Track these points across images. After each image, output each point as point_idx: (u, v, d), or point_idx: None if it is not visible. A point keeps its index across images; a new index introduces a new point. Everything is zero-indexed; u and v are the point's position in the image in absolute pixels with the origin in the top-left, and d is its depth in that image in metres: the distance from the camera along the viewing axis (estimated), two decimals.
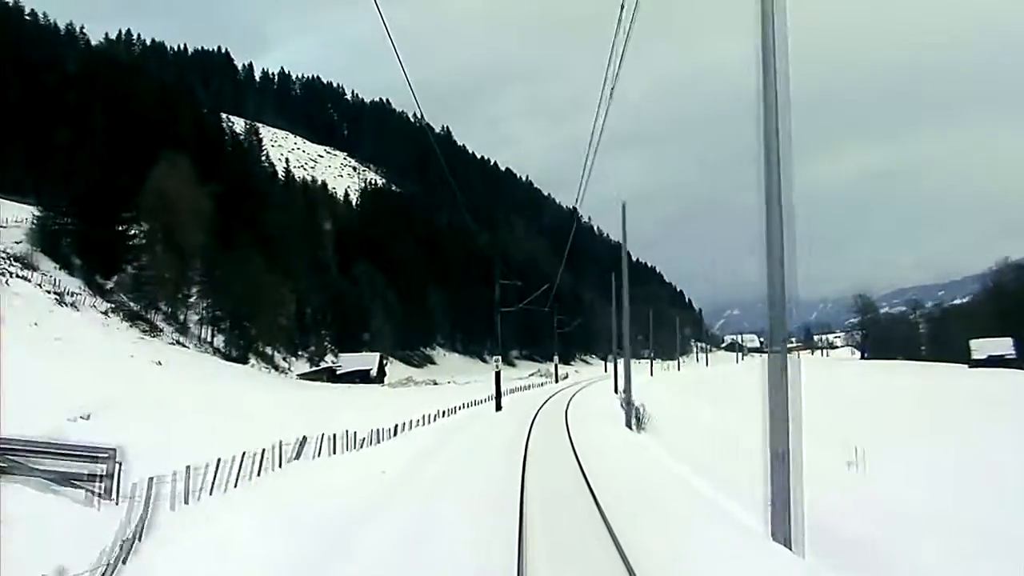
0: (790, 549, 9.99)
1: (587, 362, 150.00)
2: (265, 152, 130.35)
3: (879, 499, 15.29)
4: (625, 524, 11.16)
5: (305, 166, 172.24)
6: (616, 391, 47.31)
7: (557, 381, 70.18)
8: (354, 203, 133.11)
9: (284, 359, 69.48)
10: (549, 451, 21.02)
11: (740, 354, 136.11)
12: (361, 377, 70.44)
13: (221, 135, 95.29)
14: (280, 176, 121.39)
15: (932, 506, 14.17)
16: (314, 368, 70.54)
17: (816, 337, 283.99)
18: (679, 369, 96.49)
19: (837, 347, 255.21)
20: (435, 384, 77.80)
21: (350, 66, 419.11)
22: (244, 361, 60.36)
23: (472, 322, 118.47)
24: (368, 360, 76.33)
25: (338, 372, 71.60)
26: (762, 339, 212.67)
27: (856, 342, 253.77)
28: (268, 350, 67.17)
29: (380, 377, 74.61)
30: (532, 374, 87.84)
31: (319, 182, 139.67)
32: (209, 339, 61.13)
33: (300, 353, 74.08)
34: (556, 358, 70.29)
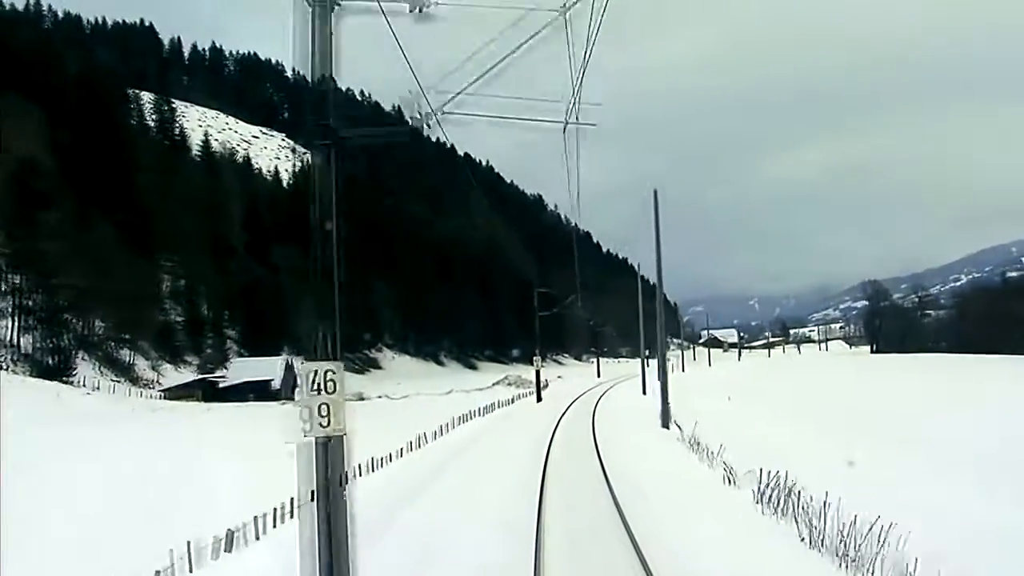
0: None
1: (559, 362, 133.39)
2: (178, 127, 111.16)
3: None
4: None
5: (237, 147, 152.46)
6: (657, 413, 29.01)
7: (540, 397, 46.95)
8: (285, 183, 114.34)
9: (154, 367, 51.26)
10: None
11: (738, 351, 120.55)
12: (257, 392, 50.92)
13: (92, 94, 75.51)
14: (196, 154, 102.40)
15: None
16: (186, 382, 51.12)
17: (792, 331, 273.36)
18: (684, 369, 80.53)
19: (814, 340, 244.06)
20: (389, 399, 55.86)
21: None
22: (64, 374, 41.86)
23: (426, 320, 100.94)
24: (266, 368, 55.39)
25: (222, 386, 52.05)
26: (742, 334, 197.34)
27: (849, 334, 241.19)
28: (126, 355, 48.90)
29: (287, 391, 55.59)
30: (498, 382, 67.97)
31: (243, 159, 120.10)
32: (12, 341, 42.38)
33: (188, 359, 55.84)
34: (538, 361, 47.50)
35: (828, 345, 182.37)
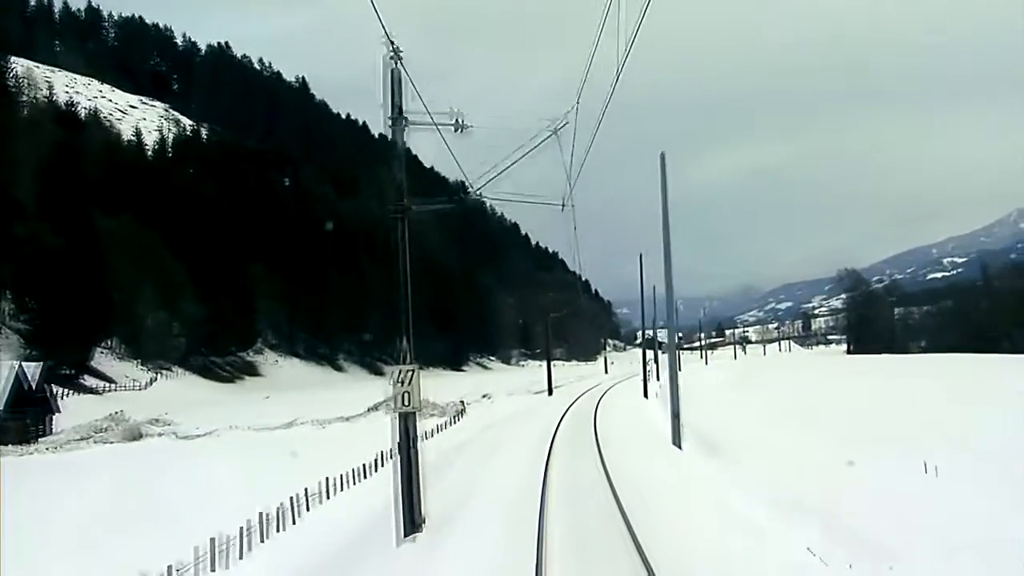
0: None
1: (485, 366, 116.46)
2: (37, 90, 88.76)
3: None
4: None
5: (110, 116, 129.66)
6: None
7: (462, 417, 31.48)
8: (149, 150, 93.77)
9: None
10: None
11: (703, 353, 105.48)
12: None
13: None
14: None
15: None
16: None
17: (728, 332, 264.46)
18: (658, 377, 64.95)
19: (753, 341, 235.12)
20: (177, 437, 36.04)
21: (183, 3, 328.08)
22: None
23: (322, 315, 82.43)
24: None
25: None
26: (679, 335, 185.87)
27: (785, 335, 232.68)
28: None
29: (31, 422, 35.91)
30: (377, 405, 39.24)
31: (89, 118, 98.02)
32: None
33: None
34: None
35: (786, 345, 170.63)
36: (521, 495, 13.73)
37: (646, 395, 42.06)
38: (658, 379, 49.57)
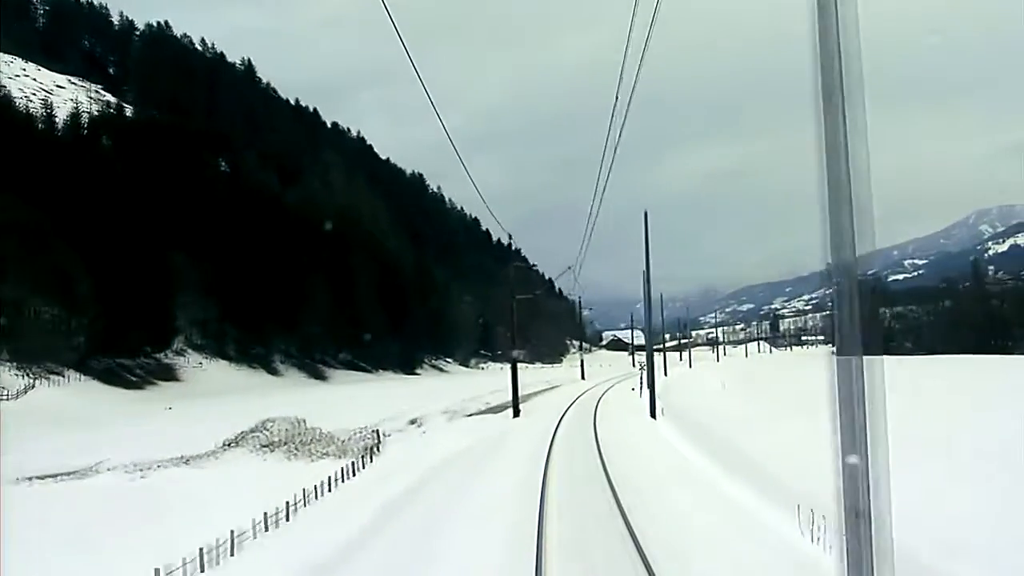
0: None
1: (441, 369, 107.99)
2: None
3: None
4: None
5: (32, 96, 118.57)
6: None
7: (371, 460, 21.57)
8: (58, 125, 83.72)
9: None
10: None
11: (687, 354, 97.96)
12: None
13: None
14: None
15: None
16: None
17: (694, 333, 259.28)
18: (638, 386, 56.58)
19: (721, 342, 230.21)
20: None
21: None
22: None
23: (256, 311, 73.35)
24: None
25: None
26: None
27: (751, 336, 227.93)
28: None
29: None
30: (239, 437, 29.85)
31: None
32: None
33: None
34: None
35: (760, 346, 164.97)
36: None
37: (653, 415, 30.06)
38: (648, 387, 41.72)
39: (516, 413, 35.54)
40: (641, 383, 41.34)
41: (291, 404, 37.79)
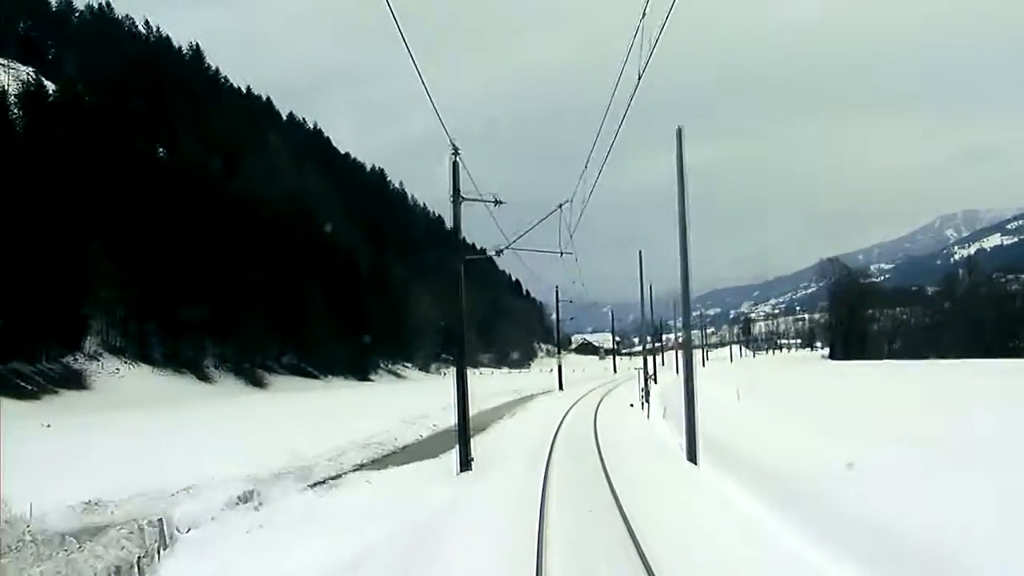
0: None
1: (398, 374, 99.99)
2: None
3: None
4: None
5: None
6: None
7: None
8: None
9: None
10: None
11: (660, 356, 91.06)
12: None
13: None
14: None
15: None
16: None
17: (665, 337, 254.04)
18: (647, 401, 48.88)
19: (697, 345, 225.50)
20: None
21: None
22: None
23: (184, 309, 64.68)
24: None
25: None
26: (618, 339, 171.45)
27: (724, 340, 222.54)
28: None
29: None
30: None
31: None
32: None
33: None
34: None
35: (739, 349, 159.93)
36: None
37: (693, 458, 17.41)
38: (647, 401, 34.43)
39: (465, 464, 18.23)
40: (647, 397, 34.09)
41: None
